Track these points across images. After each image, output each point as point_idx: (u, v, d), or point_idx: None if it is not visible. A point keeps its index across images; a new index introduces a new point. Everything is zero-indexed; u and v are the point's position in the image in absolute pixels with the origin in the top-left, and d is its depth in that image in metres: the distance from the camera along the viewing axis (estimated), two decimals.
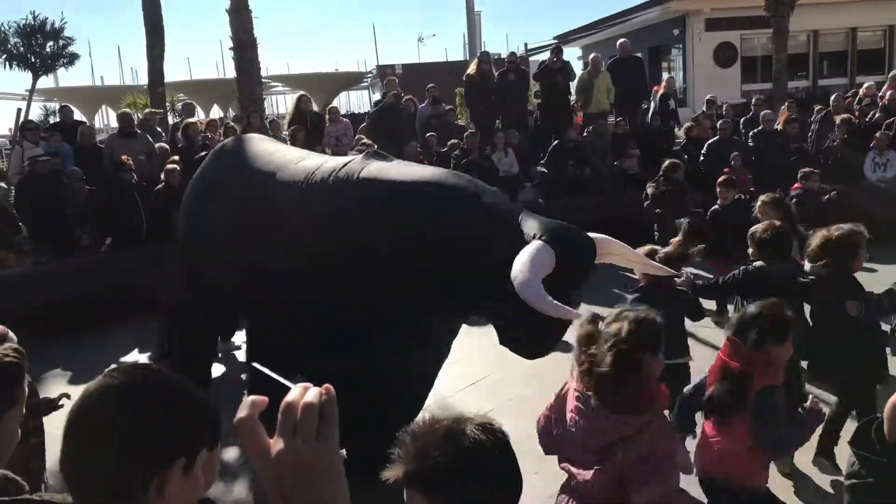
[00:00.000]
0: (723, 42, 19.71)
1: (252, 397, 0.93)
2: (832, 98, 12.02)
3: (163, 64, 14.06)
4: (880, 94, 12.12)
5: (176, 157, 9.62)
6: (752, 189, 9.14)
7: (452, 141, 11.65)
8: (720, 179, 7.83)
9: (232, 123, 12.85)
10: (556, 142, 11.67)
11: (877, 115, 11.27)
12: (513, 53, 13.20)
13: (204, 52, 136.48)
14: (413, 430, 1.49)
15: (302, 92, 13.80)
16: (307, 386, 0.94)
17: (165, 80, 14.50)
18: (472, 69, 12.90)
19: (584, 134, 12.03)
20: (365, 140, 9.72)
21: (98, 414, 1.25)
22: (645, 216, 8.98)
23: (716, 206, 7.67)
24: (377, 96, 13.90)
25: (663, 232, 8.34)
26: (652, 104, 13.37)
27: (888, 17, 19.81)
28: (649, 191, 9.06)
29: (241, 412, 0.92)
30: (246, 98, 12.44)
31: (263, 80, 19.18)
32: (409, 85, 15.16)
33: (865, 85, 12.93)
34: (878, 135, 10.52)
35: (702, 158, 11.00)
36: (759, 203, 5.71)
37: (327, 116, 12.42)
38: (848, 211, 6.91)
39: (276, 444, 0.91)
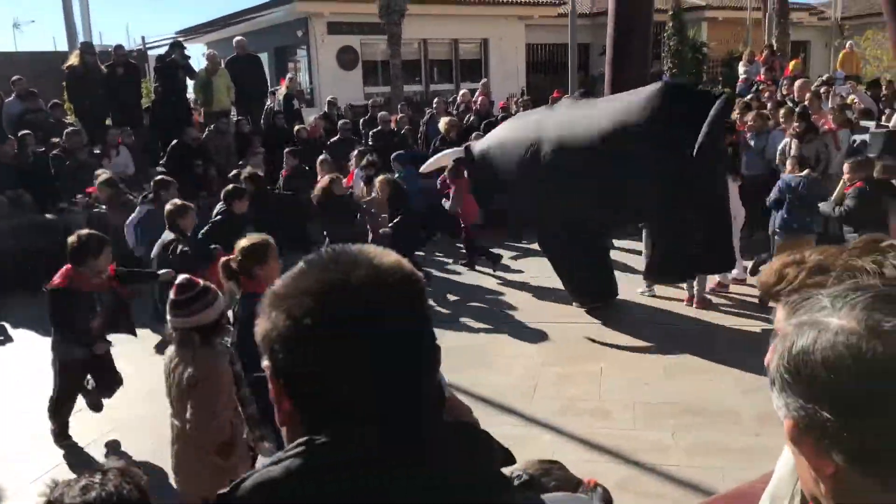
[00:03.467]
0: (345, 45, 20.59)
1: None
2: (434, 102, 13.27)
3: None
4: (473, 99, 13.69)
5: None
6: None
7: (54, 139, 10.47)
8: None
9: None
10: (176, 140, 11.12)
11: (472, 118, 12.70)
12: (119, 46, 12.23)
13: None
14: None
15: None
16: None
17: None
18: (73, 60, 11.68)
19: (206, 132, 11.66)
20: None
21: None
22: None
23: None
24: None
25: None
26: (275, 103, 13.45)
27: (483, 31, 22.53)
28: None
29: None
30: None
31: None
32: (3, 76, 13.22)
33: (461, 92, 14.51)
34: (473, 135, 11.86)
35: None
36: None
37: None
38: None
39: None
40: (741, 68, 15.63)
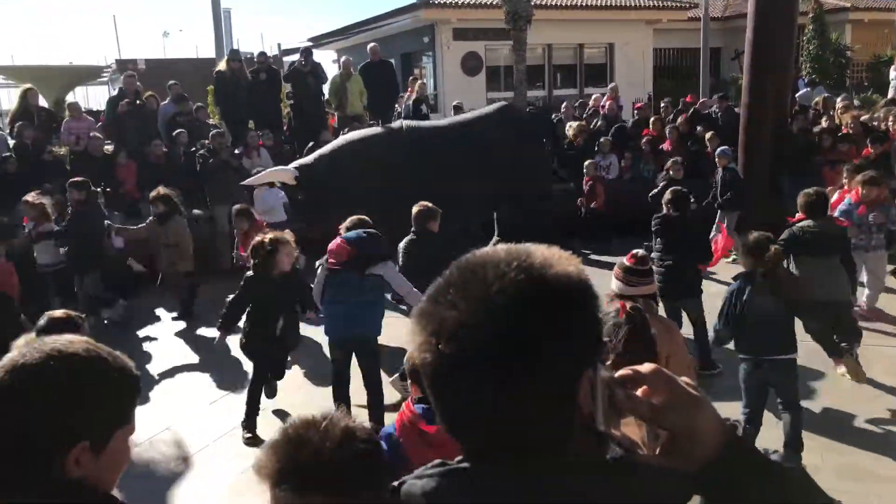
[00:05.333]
0: (469, 51, 20.80)
1: None
2: (562, 107, 13.21)
3: None
4: (601, 103, 13.52)
5: None
6: None
7: (203, 140, 11.17)
8: None
9: None
10: (312, 143, 11.59)
11: (599, 123, 12.55)
12: (262, 53, 12.91)
13: None
14: (290, 433, 1.43)
15: (28, 85, 12.38)
16: None
17: None
18: (222, 66, 12.43)
19: (340, 136, 12.09)
20: None
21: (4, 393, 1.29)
22: None
23: None
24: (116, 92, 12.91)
25: None
26: (404, 108, 13.76)
27: (609, 36, 22.18)
28: None
29: None
30: None
31: None
32: (155, 81, 14.23)
33: (594, 97, 14.35)
34: (601, 140, 11.72)
35: None
36: None
37: (67, 113, 11.54)
38: None
39: None
40: (892, 73, 14.65)
